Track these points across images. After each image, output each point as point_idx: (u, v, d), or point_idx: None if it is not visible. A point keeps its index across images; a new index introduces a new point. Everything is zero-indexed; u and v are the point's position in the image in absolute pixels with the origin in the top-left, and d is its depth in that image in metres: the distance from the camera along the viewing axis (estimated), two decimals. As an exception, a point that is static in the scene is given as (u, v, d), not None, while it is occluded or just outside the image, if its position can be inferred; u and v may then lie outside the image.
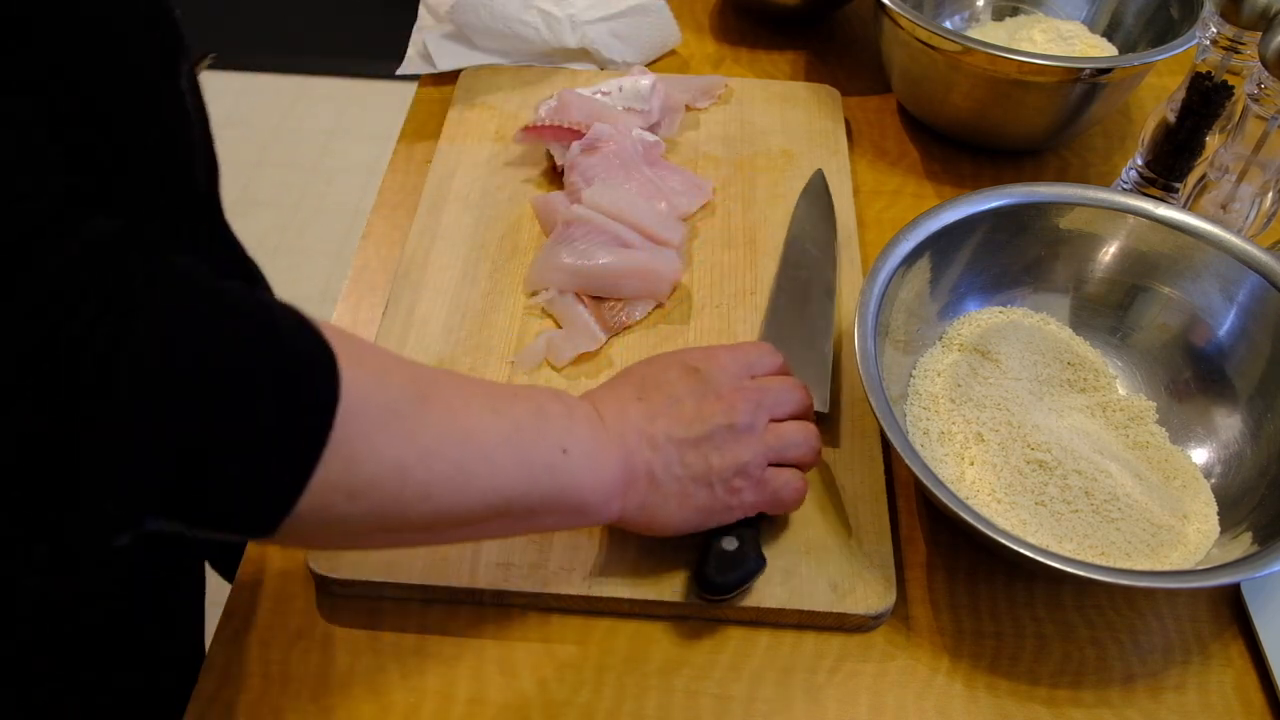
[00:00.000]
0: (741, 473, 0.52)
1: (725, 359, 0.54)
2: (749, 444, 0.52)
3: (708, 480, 0.51)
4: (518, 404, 0.48)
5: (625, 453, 0.50)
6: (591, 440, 0.49)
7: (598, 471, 0.49)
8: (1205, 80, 0.69)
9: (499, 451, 0.46)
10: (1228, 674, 0.54)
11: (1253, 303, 0.61)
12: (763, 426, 0.53)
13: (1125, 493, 0.57)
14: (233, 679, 0.52)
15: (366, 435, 0.41)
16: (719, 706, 0.52)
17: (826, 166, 0.78)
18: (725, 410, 0.52)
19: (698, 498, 0.51)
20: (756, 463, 0.52)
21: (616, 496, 0.50)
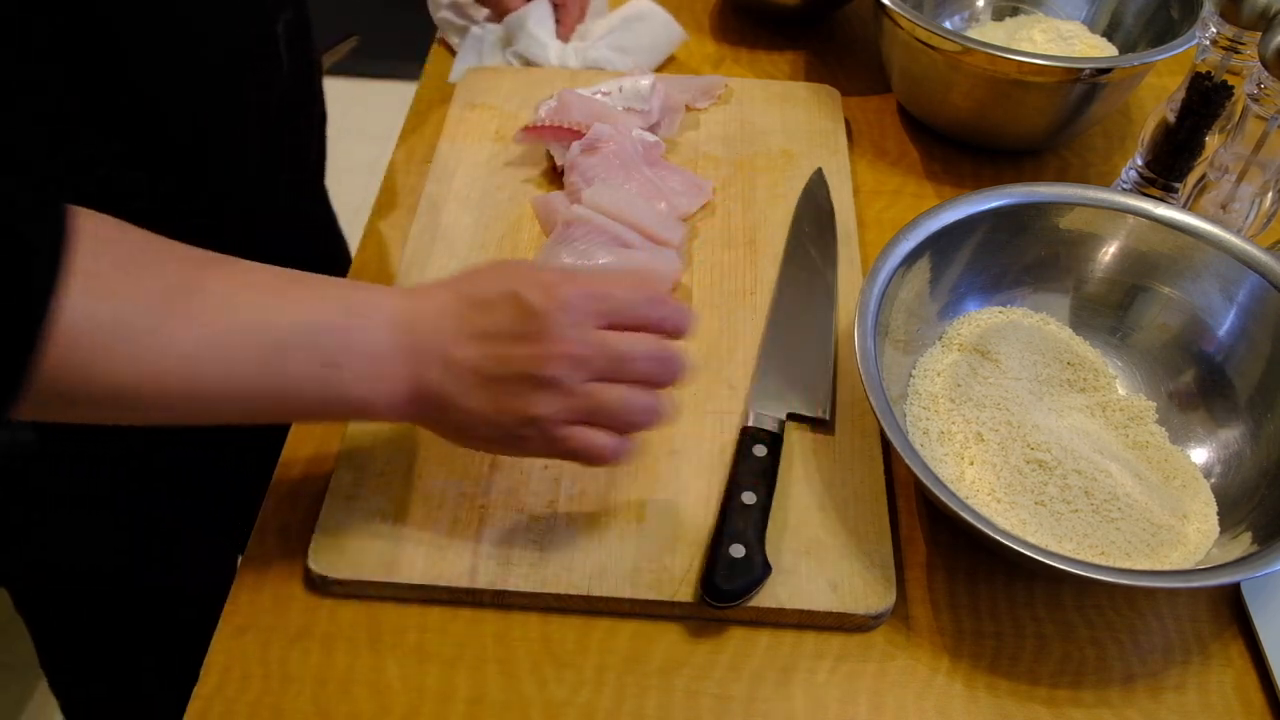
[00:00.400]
0: (530, 424, 0.49)
1: (575, 301, 0.48)
2: (548, 400, 0.48)
3: (494, 421, 0.49)
4: (298, 308, 0.47)
5: (417, 370, 0.49)
6: (377, 352, 0.48)
7: (375, 383, 0.48)
8: (1205, 80, 0.69)
9: (250, 369, 0.45)
10: (1228, 674, 0.54)
11: (1253, 303, 0.61)
12: (577, 384, 0.49)
13: (1125, 492, 0.57)
14: (233, 679, 0.52)
15: (84, 357, 0.41)
16: (719, 706, 0.52)
17: (826, 166, 0.78)
18: (537, 359, 0.48)
19: (481, 431, 0.50)
20: (551, 419, 0.49)
21: (401, 406, 0.49)
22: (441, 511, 0.57)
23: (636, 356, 0.50)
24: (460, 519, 0.57)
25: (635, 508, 0.58)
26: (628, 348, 0.49)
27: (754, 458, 0.58)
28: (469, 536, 0.56)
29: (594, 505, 0.58)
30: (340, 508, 0.57)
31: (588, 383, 0.49)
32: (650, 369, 0.50)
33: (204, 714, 0.51)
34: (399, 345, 0.48)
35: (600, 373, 0.49)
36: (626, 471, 0.59)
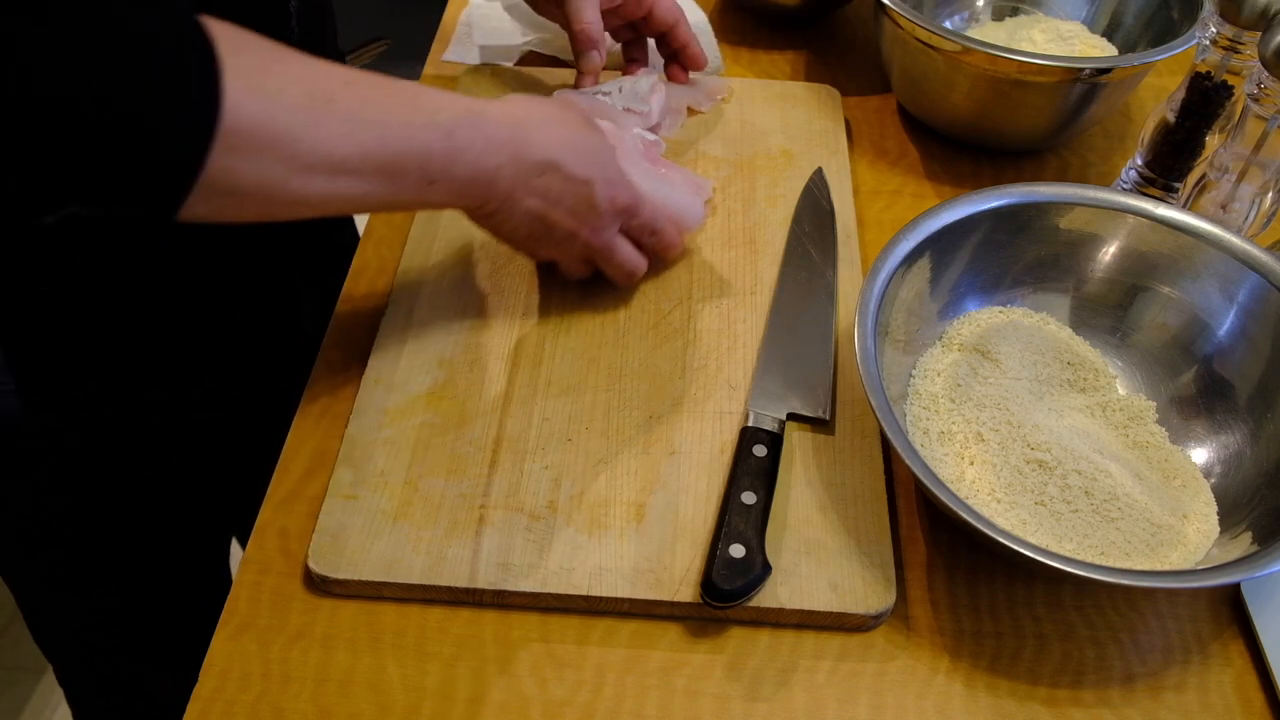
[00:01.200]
0: (551, 250, 0.64)
1: (624, 217, 0.64)
2: (568, 248, 0.64)
3: (530, 239, 0.62)
4: (427, 113, 0.53)
5: (505, 177, 0.57)
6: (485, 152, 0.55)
7: (479, 167, 0.56)
8: (1205, 80, 0.69)
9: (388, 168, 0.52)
10: (1228, 674, 0.54)
11: (1253, 303, 0.61)
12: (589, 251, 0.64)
13: (1125, 492, 0.57)
14: (233, 679, 0.52)
15: (246, 157, 0.45)
16: (719, 706, 0.52)
17: (826, 166, 0.78)
18: (573, 236, 0.62)
19: (520, 236, 0.62)
20: (568, 258, 0.65)
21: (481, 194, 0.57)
22: (441, 511, 0.57)
23: (622, 262, 0.66)
24: (460, 519, 0.57)
25: (635, 508, 0.58)
26: (620, 257, 0.66)
27: (754, 458, 0.58)
28: (469, 536, 0.56)
29: (594, 505, 0.58)
30: (340, 508, 0.57)
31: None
32: (625, 268, 0.67)
33: (204, 714, 0.51)
34: (485, 175, 0.56)
35: (601, 256, 0.65)
36: (626, 471, 0.59)
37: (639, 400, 0.63)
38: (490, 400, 0.63)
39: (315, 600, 0.55)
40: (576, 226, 0.61)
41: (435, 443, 0.60)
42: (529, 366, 0.65)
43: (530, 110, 0.59)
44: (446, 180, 0.55)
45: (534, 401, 0.63)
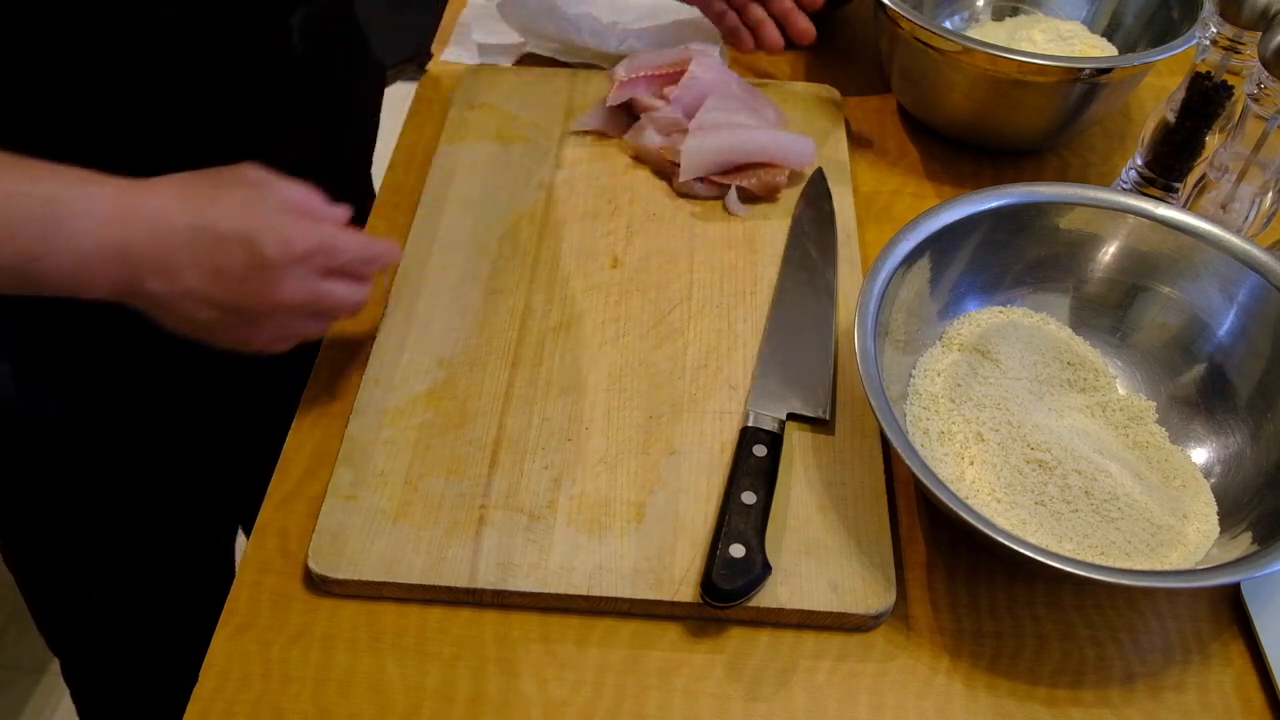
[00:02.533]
0: (249, 343, 0.54)
1: (308, 257, 0.53)
2: (266, 326, 0.54)
3: (216, 331, 0.53)
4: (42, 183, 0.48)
5: (133, 274, 0.50)
6: (82, 251, 0.49)
7: (77, 278, 0.49)
8: (1205, 80, 0.69)
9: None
10: (1228, 674, 0.54)
11: (1253, 303, 0.61)
12: (294, 316, 0.54)
13: (1125, 492, 0.57)
14: (233, 679, 0.52)
15: None
16: (719, 706, 0.52)
17: (826, 166, 0.78)
18: (262, 302, 0.52)
19: (201, 334, 0.54)
20: (270, 340, 0.55)
21: (106, 297, 0.51)
22: (441, 511, 0.57)
23: (342, 304, 0.56)
24: (460, 519, 0.57)
25: (635, 508, 0.58)
26: (335, 297, 0.55)
27: (754, 458, 0.58)
28: (469, 536, 0.56)
29: (594, 505, 0.58)
30: (340, 508, 0.57)
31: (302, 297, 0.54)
32: (348, 309, 0.57)
33: (204, 714, 0.51)
34: (108, 247, 0.49)
35: (311, 311, 0.55)
36: (626, 471, 0.59)
37: (639, 400, 0.63)
38: (490, 400, 0.63)
39: (315, 600, 0.55)
40: (261, 290, 0.52)
41: (435, 443, 0.60)
42: (529, 366, 0.65)
43: (155, 183, 0.51)
44: (54, 256, 0.48)
45: (534, 401, 0.63)
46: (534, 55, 0.90)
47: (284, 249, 0.51)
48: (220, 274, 0.51)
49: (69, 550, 0.78)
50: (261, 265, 0.51)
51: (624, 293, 0.69)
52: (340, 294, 0.55)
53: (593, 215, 0.75)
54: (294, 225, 0.52)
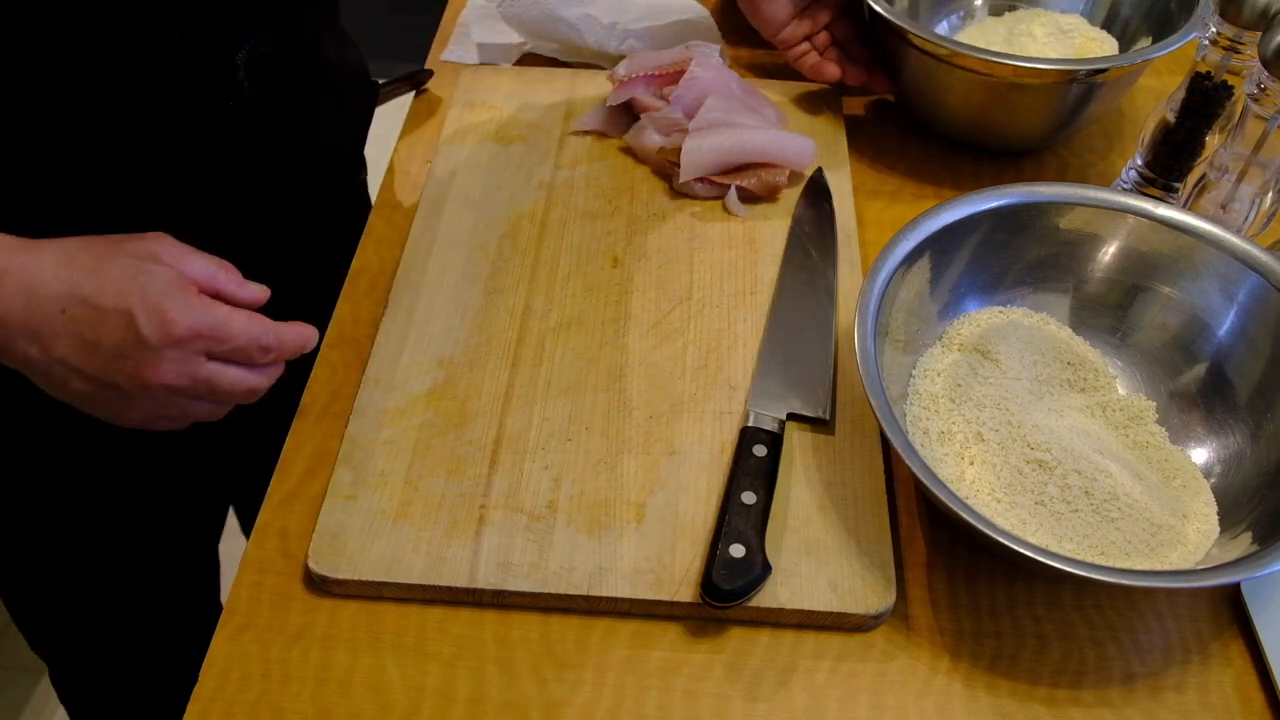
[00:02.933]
0: (125, 417, 0.52)
1: (187, 340, 0.49)
2: (141, 404, 0.51)
3: (91, 402, 0.51)
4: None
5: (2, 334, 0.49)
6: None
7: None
8: (1205, 80, 0.69)
9: None
10: (1228, 674, 0.54)
11: (1253, 303, 0.61)
12: (171, 397, 0.51)
13: (1125, 492, 0.57)
14: (233, 679, 0.52)
15: None
16: (719, 706, 0.52)
17: (826, 166, 0.78)
18: (135, 381, 0.50)
19: (79, 402, 0.52)
20: (144, 419, 0.52)
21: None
22: (441, 511, 0.57)
23: (231, 390, 0.53)
24: (460, 519, 0.57)
25: (635, 508, 0.58)
26: (225, 381, 0.52)
27: (754, 458, 0.58)
28: (469, 536, 0.56)
29: (594, 505, 0.58)
30: (340, 508, 0.57)
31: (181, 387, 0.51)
32: (242, 396, 0.54)
33: (204, 714, 0.51)
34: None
35: (194, 395, 0.52)
36: (626, 471, 0.59)
37: (639, 400, 0.63)
38: (490, 400, 0.63)
39: (315, 600, 0.55)
40: (134, 369, 0.49)
41: (435, 443, 0.60)
42: (529, 366, 0.65)
43: (43, 246, 0.49)
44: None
45: (534, 401, 0.63)
46: (534, 55, 0.90)
47: (161, 330, 0.48)
48: (93, 348, 0.49)
49: (53, 562, 0.77)
50: (136, 343, 0.48)
51: (624, 293, 0.69)
52: (228, 379, 0.52)
53: (593, 215, 0.75)
54: (179, 305, 0.49)
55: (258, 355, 0.52)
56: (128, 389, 0.50)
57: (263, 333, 0.52)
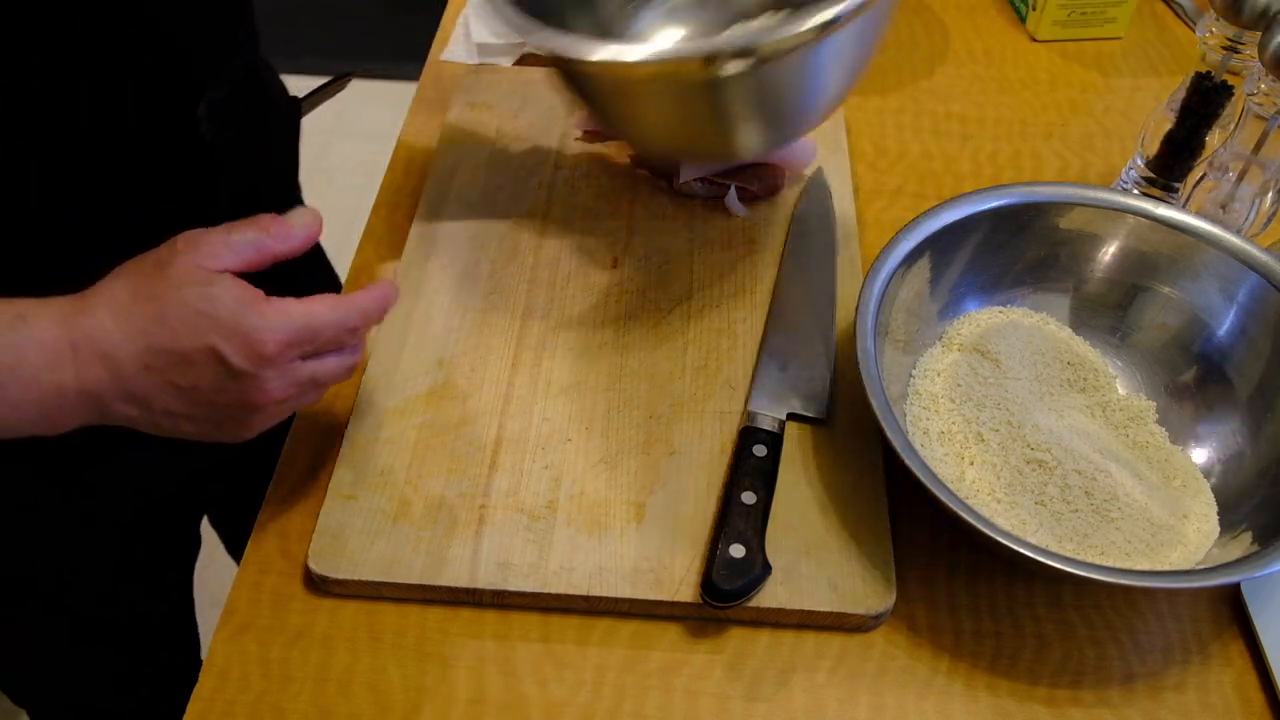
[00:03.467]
0: (244, 432, 0.50)
1: (280, 354, 0.47)
2: (259, 419, 0.50)
3: (207, 430, 0.50)
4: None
5: (99, 405, 0.47)
6: (38, 383, 0.45)
7: (39, 417, 0.46)
8: (1205, 80, 0.69)
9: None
10: (1228, 674, 0.54)
11: (1253, 303, 0.61)
12: (284, 400, 0.50)
13: (1125, 493, 0.57)
14: (233, 679, 0.52)
15: None
16: (719, 706, 0.52)
17: (826, 166, 0.78)
18: (246, 405, 0.48)
19: (191, 434, 0.50)
20: (261, 425, 0.51)
21: (74, 426, 0.47)
22: (441, 511, 0.57)
23: (334, 377, 0.52)
24: (460, 519, 0.57)
25: (635, 508, 0.58)
26: (326, 373, 0.51)
27: (754, 458, 0.58)
28: (469, 536, 0.56)
29: (594, 505, 0.58)
30: (340, 508, 0.57)
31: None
32: (344, 377, 0.53)
33: (204, 714, 0.51)
34: (67, 390, 0.46)
35: (302, 394, 0.51)
36: (626, 471, 0.59)
37: (639, 400, 0.63)
38: (490, 400, 0.63)
39: (315, 600, 0.55)
40: (240, 398, 0.48)
41: (435, 443, 0.60)
42: (529, 366, 0.65)
43: (96, 303, 0.47)
44: (12, 410, 0.45)
45: (534, 401, 0.63)
46: (534, 55, 0.90)
47: (252, 355, 0.46)
48: (192, 392, 0.47)
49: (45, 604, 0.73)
50: (232, 375, 0.47)
51: (624, 293, 0.69)
52: (329, 369, 0.51)
53: (593, 215, 0.75)
54: (257, 323, 0.47)
55: (348, 339, 0.51)
56: (241, 415, 0.49)
57: (347, 315, 0.50)
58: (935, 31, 0.97)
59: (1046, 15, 0.94)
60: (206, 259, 0.47)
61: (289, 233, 0.50)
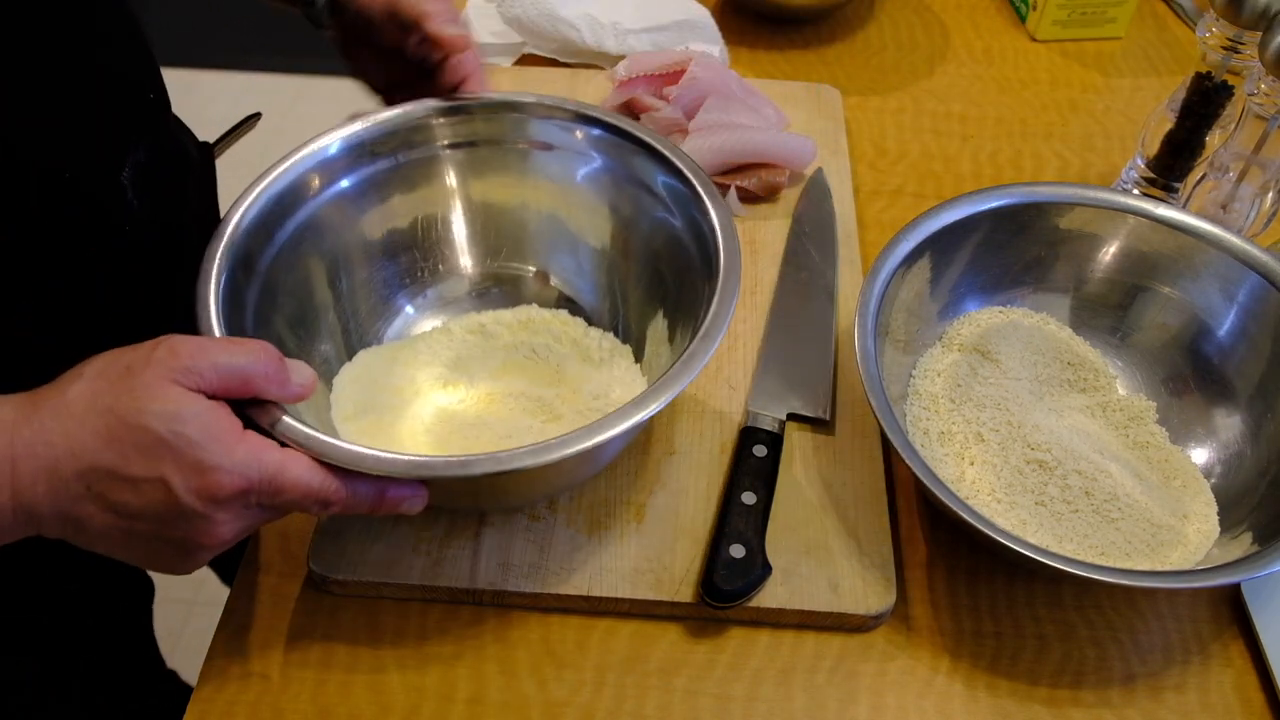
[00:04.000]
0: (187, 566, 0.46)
1: (233, 499, 0.43)
2: (201, 555, 0.45)
3: (145, 560, 0.45)
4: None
5: (28, 524, 0.42)
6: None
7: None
8: (1205, 80, 0.69)
9: None
10: (1228, 674, 0.54)
11: (1253, 303, 0.61)
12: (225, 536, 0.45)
13: (1125, 493, 0.57)
14: (233, 679, 0.52)
15: None
16: (719, 706, 0.52)
17: (826, 166, 0.78)
18: (190, 542, 0.44)
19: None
20: (205, 558, 0.45)
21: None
22: (441, 511, 0.57)
23: (300, 511, 0.46)
24: (460, 519, 0.57)
25: (635, 508, 0.58)
26: (291, 511, 0.46)
27: (754, 458, 0.58)
28: (469, 536, 0.56)
29: (594, 505, 0.58)
30: (340, 508, 0.57)
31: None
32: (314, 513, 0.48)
33: (204, 714, 0.51)
34: (4, 508, 0.41)
35: (256, 528, 0.46)
36: (626, 471, 0.59)
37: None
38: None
39: (315, 600, 0.55)
40: (183, 535, 0.43)
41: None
42: (529, 366, 0.65)
43: (42, 410, 0.42)
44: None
45: (534, 401, 0.63)
46: (534, 55, 0.90)
47: (204, 496, 0.42)
48: (135, 519, 0.42)
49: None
50: (181, 512, 0.42)
51: (624, 293, 0.69)
52: (293, 510, 0.45)
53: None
54: (218, 459, 0.42)
55: (315, 509, 0.45)
56: (184, 550, 0.44)
57: (325, 487, 0.45)
58: (935, 31, 0.97)
59: (1046, 15, 0.94)
60: (183, 375, 0.42)
61: (285, 381, 0.46)
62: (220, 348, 0.44)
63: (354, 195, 0.60)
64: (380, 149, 0.60)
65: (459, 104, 0.61)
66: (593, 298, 0.64)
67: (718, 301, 0.51)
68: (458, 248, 0.65)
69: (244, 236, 0.54)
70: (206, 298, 0.50)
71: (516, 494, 0.56)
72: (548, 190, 0.63)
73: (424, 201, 0.63)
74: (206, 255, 0.52)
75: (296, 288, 0.58)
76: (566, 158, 0.62)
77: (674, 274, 0.59)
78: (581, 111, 0.61)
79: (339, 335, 0.61)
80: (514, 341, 0.62)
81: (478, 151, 0.63)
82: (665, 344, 0.59)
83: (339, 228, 0.60)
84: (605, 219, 0.62)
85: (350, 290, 0.61)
